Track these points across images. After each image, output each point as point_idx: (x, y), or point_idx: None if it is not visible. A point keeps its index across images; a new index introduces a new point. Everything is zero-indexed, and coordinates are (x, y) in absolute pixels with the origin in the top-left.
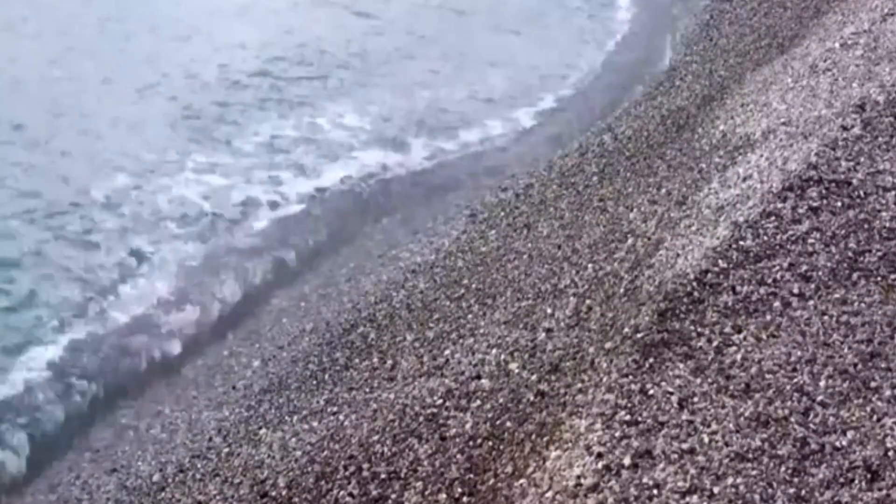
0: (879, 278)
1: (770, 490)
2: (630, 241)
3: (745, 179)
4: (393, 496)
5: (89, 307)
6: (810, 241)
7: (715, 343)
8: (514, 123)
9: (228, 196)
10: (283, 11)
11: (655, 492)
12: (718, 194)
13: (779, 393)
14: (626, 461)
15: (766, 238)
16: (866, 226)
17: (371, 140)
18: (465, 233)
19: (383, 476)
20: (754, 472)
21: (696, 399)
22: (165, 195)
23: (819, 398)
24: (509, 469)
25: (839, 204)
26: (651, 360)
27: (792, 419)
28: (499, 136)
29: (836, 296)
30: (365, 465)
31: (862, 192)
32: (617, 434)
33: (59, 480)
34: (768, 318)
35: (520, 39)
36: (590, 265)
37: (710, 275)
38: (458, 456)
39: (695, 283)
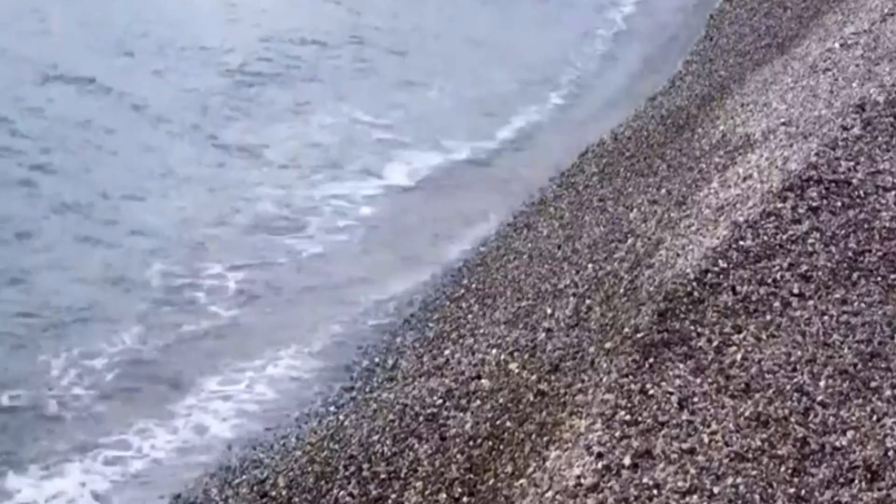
0: (879, 278)
1: (770, 490)
2: (630, 241)
3: (745, 179)
4: (393, 496)
5: None
6: (810, 241)
7: (715, 343)
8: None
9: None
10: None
11: (655, 492)
12: (718, 194)
13: (779, 393)
14: (626, 461)
15: (766, 238)
16: (866, 226)
17: (402, 141)
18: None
19: (383, 476)
20: (754, 472)
21: (696, 399)
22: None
23: (819, 398)
24: (509, 469)
25: (839, 204)
26: (651, 360)
27: (792, 419)
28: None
29: (836, 296)
30: (365, 465)
31: (862, 192)
32: (617, 434)
33: None
34: (768, 318)
35: None
36: (590, 265)
37: (710, 275)
38: (458, 456)
39: (695, 283)
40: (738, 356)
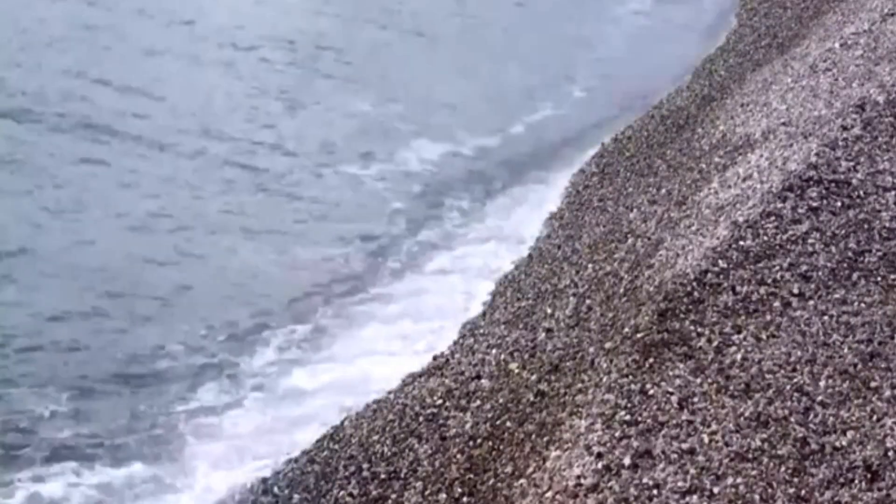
0: (879, 278)
1: (770, 490)
2: (630, 241)
3: (745, 179)
4: (393, 496)
5: None
6: (810, 241)
7: (715, 343)
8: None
9: None
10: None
11: (655, 492)
12: (718, 194)
13: (779, 393)
14: (626, 461)
15: (766, 238)
16: (866, 226)
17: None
18: None
19: (383, 476)
20: (754, 472)
21: (696, 399)
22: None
23: (819, 398)
24: (509, 469)
25: (839, 204)
26: (651, 360)
27: (792, 419)
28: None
29: (836, 296)
30: (365, 465)
31: (862, 192)
32: (617, 434)
33: None
34: (768, 318)
35: None
36: (590, 265)
37: (710, 275)
38: (458, 456)
39: (695, 283)
40: (738, 356)
